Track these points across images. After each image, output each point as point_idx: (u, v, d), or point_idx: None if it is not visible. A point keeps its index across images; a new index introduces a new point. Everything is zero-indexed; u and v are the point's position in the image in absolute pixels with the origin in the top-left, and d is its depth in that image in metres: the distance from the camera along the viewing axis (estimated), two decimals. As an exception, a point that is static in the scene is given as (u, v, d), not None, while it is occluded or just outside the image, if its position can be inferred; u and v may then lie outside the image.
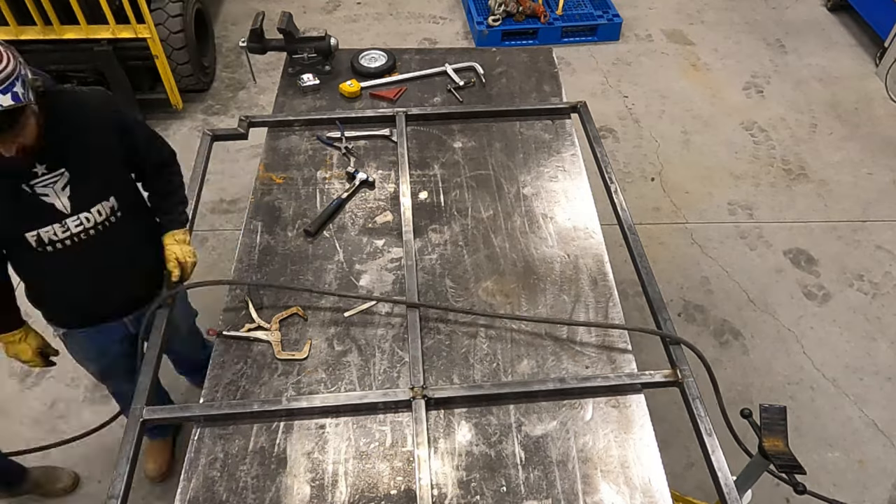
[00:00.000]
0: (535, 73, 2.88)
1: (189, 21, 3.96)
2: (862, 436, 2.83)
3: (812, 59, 4.77)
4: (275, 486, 1.64)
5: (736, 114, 4.33)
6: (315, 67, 2.81)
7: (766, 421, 1.77)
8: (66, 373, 2.95)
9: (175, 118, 4.18)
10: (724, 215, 3.71)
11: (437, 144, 2.54)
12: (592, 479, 1.65)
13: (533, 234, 2.24)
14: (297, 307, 2.01)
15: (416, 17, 5.10)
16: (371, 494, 1.62)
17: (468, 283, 2.09)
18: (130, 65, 3.86)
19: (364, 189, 2.38)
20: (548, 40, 4.77)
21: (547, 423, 1.76)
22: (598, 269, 2.14)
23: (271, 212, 2.29)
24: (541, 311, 2.02)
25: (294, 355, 1.90)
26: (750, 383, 2.98)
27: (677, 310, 3.23)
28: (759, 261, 3.48)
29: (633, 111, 4.33)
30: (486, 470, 1.67)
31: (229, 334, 1.94)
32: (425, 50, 3.13)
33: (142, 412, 1.75)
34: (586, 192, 2.37)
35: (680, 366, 1.86)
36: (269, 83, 4.28)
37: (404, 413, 1.78)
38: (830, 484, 2.68)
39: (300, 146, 2.52)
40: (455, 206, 2.32)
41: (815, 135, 4.20)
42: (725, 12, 5.20)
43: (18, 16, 3.61)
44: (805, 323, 3.21)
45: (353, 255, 2.16)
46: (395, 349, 1.92)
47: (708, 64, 4.72)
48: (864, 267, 3.46)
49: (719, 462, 1.66)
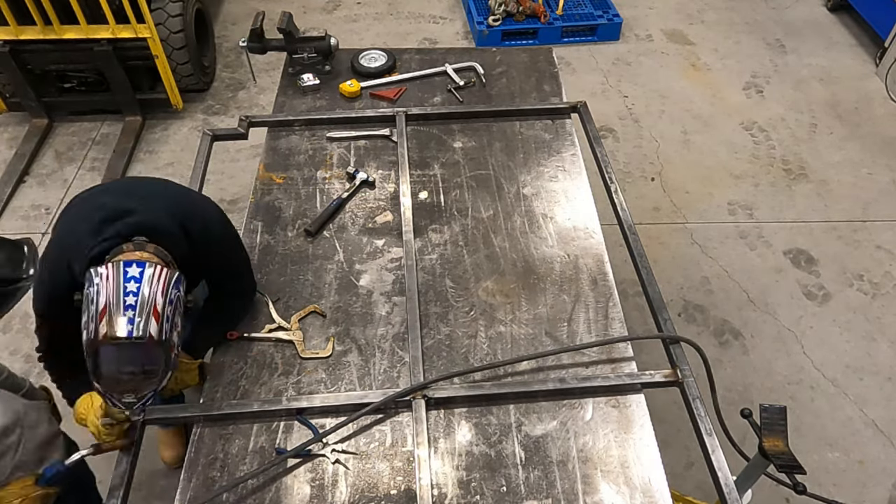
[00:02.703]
0: (535, 73, 2.88)
1: (189, 21, 3.96)
2: (862, 436, 2.83)
3: (812, 59, 4.77)
4: (275, 486, 1.64)
5: (736, 114, 4.32)
6: (315, 67, 2.80)
7: (766, 421, 1.76)
8: (66, 373, 2.95)
9: (175, 118, 4.18)
10: (724, 215, 3.71)
11: (437, 144, 2.54)
12: (592, 479, 1.65)
13: (533, 234, 2.24)
14: (315, 305, 2.00)
15: (416, 17, 5.10)
16: (371, 494, 1.62)
17: (468, 282, 2.09)
18: (130, 65, 3.86)
19: (364, 189, 2.38)
20: (548, 40, 4.77)
21: (547, 423, 1.76)
22: (598, 268, 2.14)
23: (271, 212, 2.29)
24: (541, 310, 2.02)
25: (318, 353, 1.90)
26: (750, 383, 2.98)
27: (677, 310, 3.23)
28: (759, 261, 3.48)
29: (633, 111, 4.33)
30: (486, 470, 1.67)
31: (250, 336, 1.94)
32: (425, 50, 3.13)
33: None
34: (586, 192, 2.37)
35: (680, 366, 1.86)
36: (269, 83, 4.28)
37: (404, 413, 1.78)
38: (830, 484, 2.68)
39: (300, 146, 2.52)
40: (455, 206, 2.32)
41: (815, 135, 4.20)
42: (725, 12, 5.20)
43: (18, 16, 3.60)
44: (805, 323, 3.21)
45: (353, 255, 2.16)
46: (395, 349, 1.92)
47: (708, 64, 4.72)
48: (864, 267, 3.46)
49: (719, 462, 1.66)
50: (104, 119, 4.16)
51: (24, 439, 1.53)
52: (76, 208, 1.74)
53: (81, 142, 4.04)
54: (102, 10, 3.54)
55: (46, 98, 4.00)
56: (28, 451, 1.54)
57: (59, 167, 3.89)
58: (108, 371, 1.44)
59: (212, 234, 1.80)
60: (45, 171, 3.86)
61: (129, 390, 1.48)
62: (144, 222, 1.61)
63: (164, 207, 1.70)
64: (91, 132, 4.10)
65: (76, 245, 1.60)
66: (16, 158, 3.84)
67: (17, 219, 3.60)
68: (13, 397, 1.57)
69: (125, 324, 1.40)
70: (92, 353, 1.42)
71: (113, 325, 1.40)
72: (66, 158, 3.94)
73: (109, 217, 1.60)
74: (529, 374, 1.87)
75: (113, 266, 1.45)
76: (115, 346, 1.42)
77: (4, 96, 4.02)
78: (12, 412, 1.51)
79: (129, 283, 1.43)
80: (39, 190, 3.75)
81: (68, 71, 3.92)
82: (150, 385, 1.51)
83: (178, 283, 1.53)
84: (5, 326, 3.09)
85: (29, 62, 3.79)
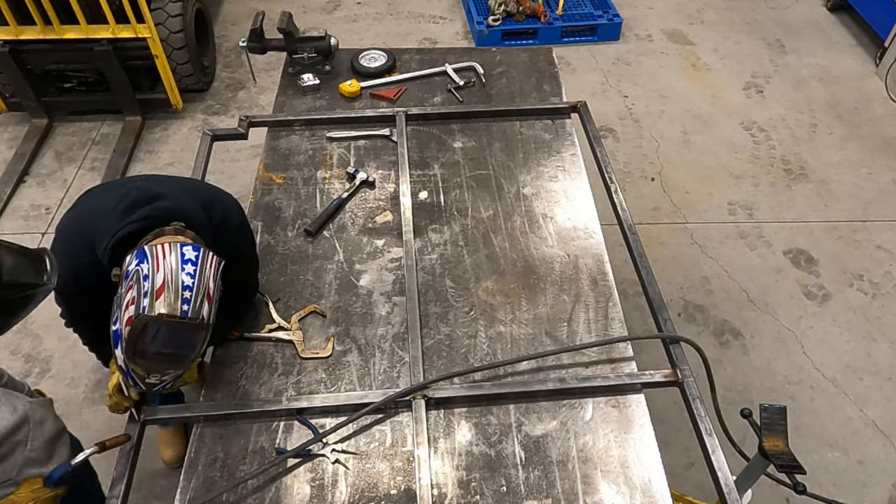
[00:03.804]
0: (535, 72, 2.88)
1: (189, 21, 3.96)
2: (862, 436, 2.83)
3: (812, 59, 4.77)
4: (275, 486, 1.64)
5: (736, 114, 4.32)
6: (315, 67, 2.80)
7: (766, 421, 1.76)
8: (66, 372, 2.95)
9: (175, 118, 4.18)
10: (724, 215, 3.71)
11: (437, 144, 2.54)
12: (592, 479, 1.65)
13: (533, 233, 2.24)
14: (315, 305, 2.01)
15: (416, 17, 5.10)
16: (371, 494, 1.62)
17: (468, 282, 2.09)
18: (130, 65, 3.86)
19: (364, 189, 2.38)
20: (548, 40, 4.77)
21: (547, 423, 1.76)
22: (598, 268, 2.14)
23: (271, 212, 2.29)
24: (541, 310, 2.02)
25: (318, 353, 1.90)
26: (750, 383, 2.98)
27: (677, 310, 3.23)
28: (759, 261, 3.48)
29: (633, 111, 4.33)
30: (486, 470, 1.67)
31: (250, 336, 1.94)
32: (425, 50, 3.13)
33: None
34: (586, 192, 2.37)
35: (680, 366, 1.86)
36: (269, 83, 4.28)
37: (404, 413, 1.78)
38: (830, 484, 2.68)
39: (300, 146, 2.52)
40: (455, 206, 2.32)
41: (815, 135, 4.20)
42: (725, 12, 5.20)
43: (18, 16, 3.60)
44: (805, 323, 3.21)
45: (353, 255, 2.16)
46: (395, 349, 1.92)
47: (708, 64, 4.72)
48: (864, 267, 3.45)
49: (719, 462, 1.66)
50: (104, 119, 4.16)
51: (33, 435, 1.55)
52: (103, 193, 1.78)
53: (81, 142, 4.04)
54: (102, 10, 3.53)
55: (46, 98, 3.99)
56: (37, 448, 1.56)
57: (59, 167, 3.89)
58: (151, 348, 1.44)
59: (230, 225, 1.83)
60: (45, 171, 3.86)
61: (157, 370, 1.50)
62: (175, 208, 1.64)
63: (190, 195, 1.74)
64: (91, 132, 4.10)
65: (103, 224, 1.62)
66: (16, 158, 3.84)
67: (17, 219, 3.59)
68: (18, 395, 1.59)
69: (182, 303, 1.42)
70: (138, 328, 1.42)
71: (171, 303, 1.41)
72: (66, 158, 3.94)
73: (140, 200, 1.63)
74: (529, 374, 1.87)
75: (170, 245, 1.47)
76: (165, 325, 1.43)
77: (4, 96, 4.02)
78: (20, 411, 1.52)
79: (186, 265, 1.45)
80: (39, 190, 3.75)
81: (68, 71, 3.91)
82: (179, 367, 1.53)
83: (220, 272, 1.56)
84: (5, 326, 3.09)
85: (29, 62, 3.78)
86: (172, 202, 1.65)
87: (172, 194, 1.68)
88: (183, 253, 1.47)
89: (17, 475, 1.52)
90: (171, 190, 1.71)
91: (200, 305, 1.45)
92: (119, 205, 1.63)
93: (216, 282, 1.52)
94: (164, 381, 1.55)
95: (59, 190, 3.74)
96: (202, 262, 1.48)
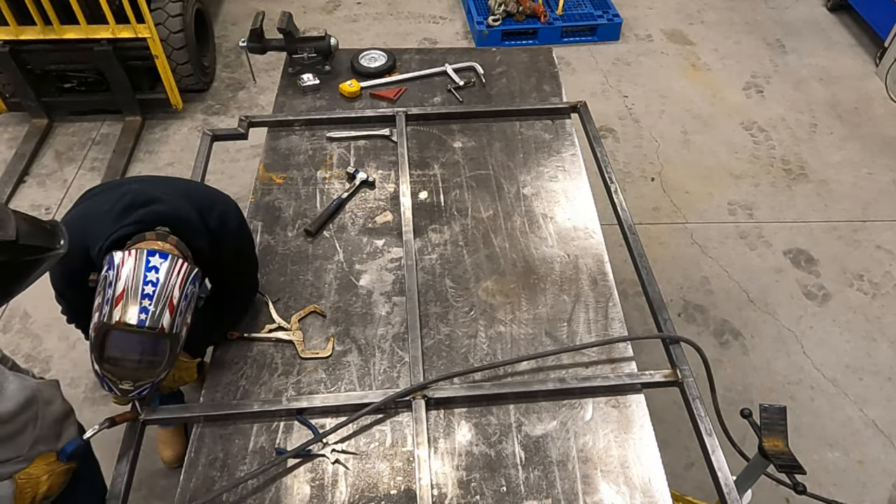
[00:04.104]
0: (535, 72, 2.88)
1: (189, 21, 3.96)
2: (862, 436, 2.83)
3: (812, 59, 4.77)
4: (275, 486, 1.64)
5: (736, 114, 4.32)
6: (315, 67, 2.81)
7: (766, 421, 1.76)
8: (66, 372, 2.95)
9: (175, 118, 4.18)
10: (724, 215, 3.71)
11: (437, 144, 2.54)
12: (592, 479, 1.65)
13: (533, 234, 2.24)
14: (315, 305, 2.01)
15: (416, 17, 5.10)
16: (371, 494, 1.62)
17: (468, 282, 2.09)
18: (130, 65, 3.86)
19: (364, 189, 2.38)
20: (548, 40, 4.77)
21: (547, 423, 1.76)
22: (598, 268, 2.14)
23: (271, 212, 2.29)
24: (541, 310, 2.02)
25: (318, 353, 1.90)
26: (750, 383, 2.98)
27: (677, 310, 3.23)
28: (759, 261, 3.48)
29: (633, 111, 4.33)
30: (486, 470, 1.67)
31: (250, 336, 1.94)
32: (425, 50, 3.13)
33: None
34: (586, 192, 2.37)
35: (680, 366, 1.86)
36: (269, 83, 4.28)
37: (404, 413, 1.78)
38: (830, 484, 2.68)
39: (300, 146, 2.52)
40: (455, 206, 2.32)
41: (815, 135, 4.20)
42: (725, 12, 5.20)
43: (18, 16, 3.60)
44: (805, 323, 3.21)
45: (353, 255, 2.16)
46: (395, 349, 1.92)
47: (708, 64, 4.72)
48: (864, 267, 3.45)
49: (719, 462, 1.66)
50: (104, 119, 4.16)
51: (42, 414, 1.57)
52: (100, 194, 1.77)
53: (81, 142, 4.04)
54: (102, 10, 3.54)
55: (46, 98, 3.99)
56: (46, 426, 1.59)
57: (59, 167, 3.89)
58: (112, 355, 1.44)
59: (228, 227, 1.82)
60: (45, 172, 3.86)
61: (127, 378, 1.49)
62: (169, 212, 1.64)
63: (186, 198, 1.74)
64: (91, 132, 4.10)
65: (98, 226, 1.62)
66: (16, 158, 3.84)
67: (17, 219, 3.59)
68: (26, 377, 1.61)
69: (140, 312, 1.42)
70: (100, 335, 1.43)
71: (127, 311, 1.41)
72: (66, 158, 3.94)
73: (135, 203, 1.63)
74: (529, 374, 1.87)
75: (136, 253, 1.47)
76: (124, 333, 1.42)
77: (4, 96, 4.02)
78: (29, 389, 1.55)
79: (149, 273, 1.45)
80: (39, 190, 3.75)
81: (68, 71, 3.91)
82: (149, 376, 1.52)
83: (195, 279, 1.55)
84: (5, 326, 3.09)
85: (29, 62, 3.79)
86: (167, 206, 1.65)
87: (168, 198, 1.68)
88: (148, 260, 1.46)
89: (28, 452, 1.54)
90: (167, 193, 1.71)
91: (160, 314, 1.43)
92: (114, 207, 1.63)
93: (185, 290, 1.50)
94: (139, 388, 1.53)
95: (58, 190, 3.74)
96: (167, 270, 1.47)
